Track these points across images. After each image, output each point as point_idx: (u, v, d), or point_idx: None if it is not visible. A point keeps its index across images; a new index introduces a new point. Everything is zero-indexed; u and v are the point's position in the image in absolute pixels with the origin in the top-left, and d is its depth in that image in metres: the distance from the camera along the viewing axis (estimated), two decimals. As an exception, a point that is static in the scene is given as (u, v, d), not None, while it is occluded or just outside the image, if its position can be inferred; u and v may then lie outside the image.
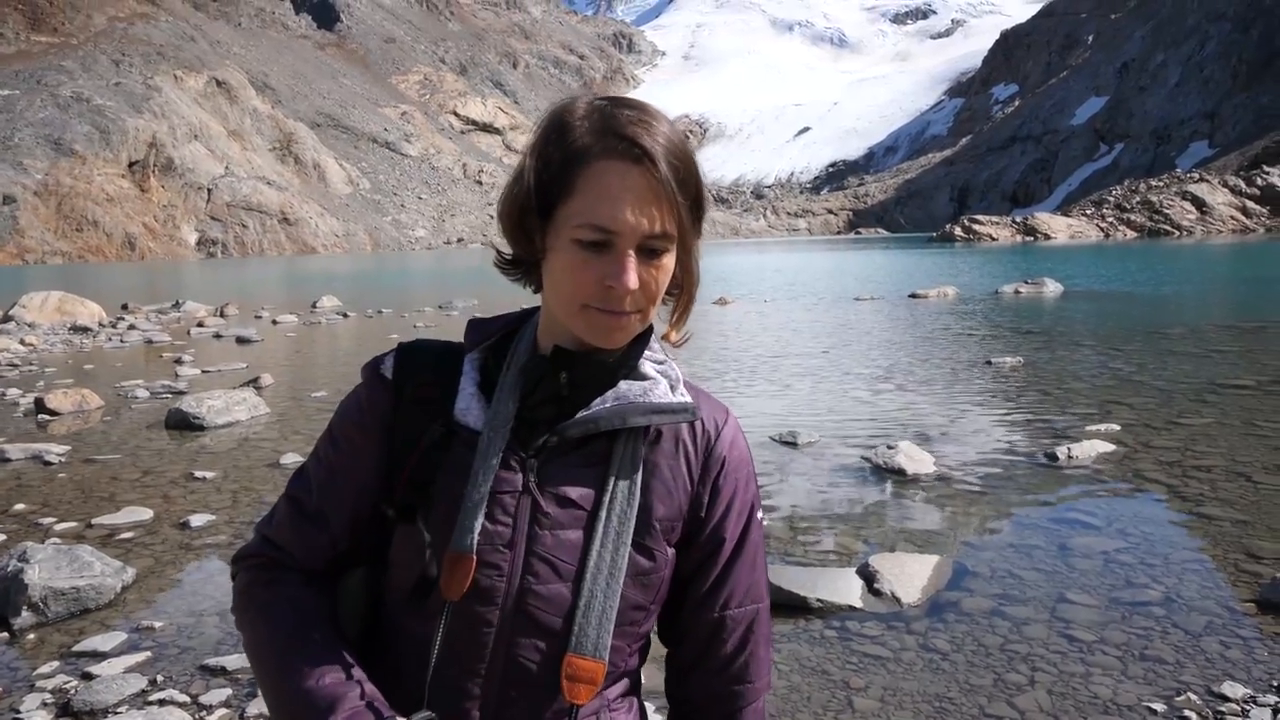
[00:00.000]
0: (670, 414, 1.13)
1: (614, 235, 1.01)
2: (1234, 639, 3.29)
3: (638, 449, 1.13)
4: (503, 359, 1.17)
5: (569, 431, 1.11)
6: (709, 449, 1.18)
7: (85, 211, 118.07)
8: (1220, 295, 19.97)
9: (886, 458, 5.81)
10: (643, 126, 1.02)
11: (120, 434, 7.58)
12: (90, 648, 3.50)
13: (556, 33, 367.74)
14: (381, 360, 1.19)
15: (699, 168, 1.09)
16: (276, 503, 1.21)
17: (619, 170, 1.01)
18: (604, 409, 1.12)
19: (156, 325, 18.36)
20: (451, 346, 1.20)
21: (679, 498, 1.15)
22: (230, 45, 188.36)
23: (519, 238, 1.10)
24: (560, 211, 1.03)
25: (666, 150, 1.02)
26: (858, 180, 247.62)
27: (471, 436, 1.11)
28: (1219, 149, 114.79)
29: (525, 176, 1.06)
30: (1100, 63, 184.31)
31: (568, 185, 1.03)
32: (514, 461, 1.10)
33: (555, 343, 1.13)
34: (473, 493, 1.07)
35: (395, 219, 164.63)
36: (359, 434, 1.16)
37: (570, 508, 1.10)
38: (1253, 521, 4.54)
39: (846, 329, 14.64)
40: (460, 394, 1.14)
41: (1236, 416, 6.95)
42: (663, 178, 1.01)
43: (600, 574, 1.08)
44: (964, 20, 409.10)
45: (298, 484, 1.19)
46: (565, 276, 1.04)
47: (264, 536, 1.19)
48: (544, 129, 1.07)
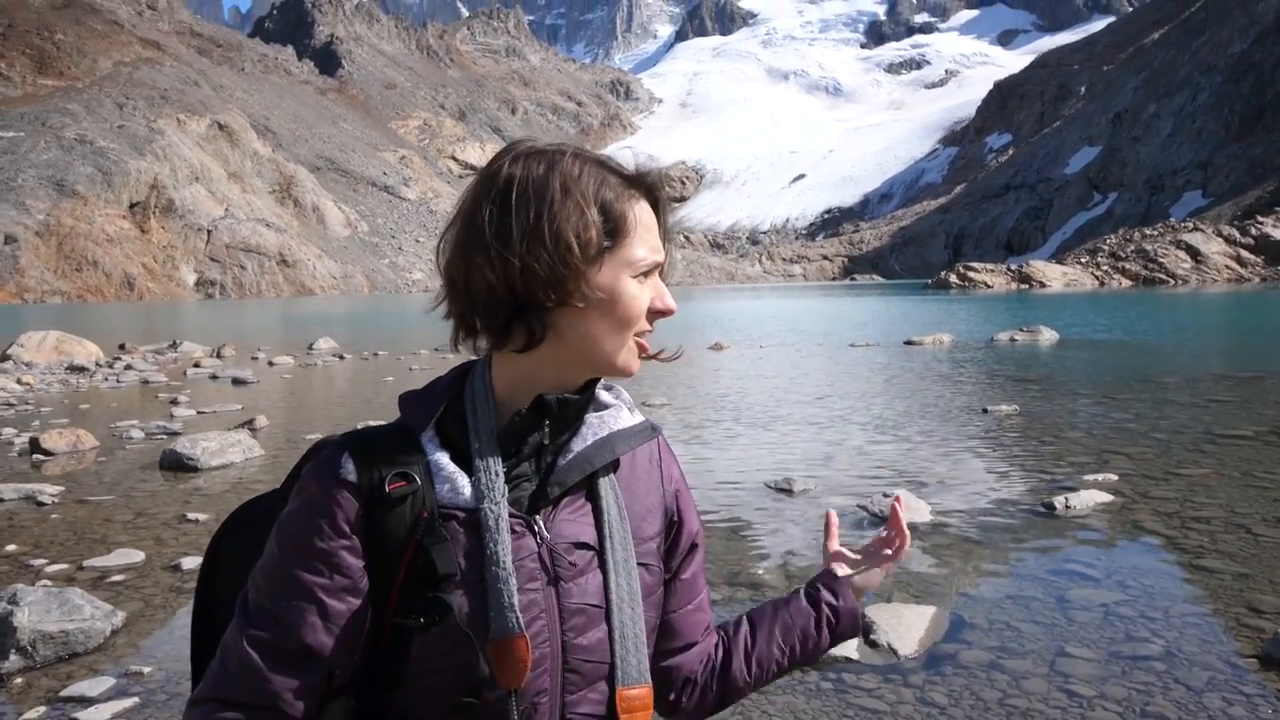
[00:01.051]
0: (640, 435, 1.18)
1: (657, 265, 1.14)
2: (1237, 695, 3.25)
3: (611, 474, 1.16)
4: (460, 426, 1.11)
5: (568, 478, 1.11)
6: (662, 460, 1.25)
7: (85, 252, 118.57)
8: (1217, 344, 20.06)
9: (882, 506, 5.79)
10: (655, 173, 1.17)
11: (114, 474, 7.53)
12: (78, 693, 3.45)
13: (555, 80, 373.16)
14: (336, 463, 1.07)
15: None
16: (221, 661, 1.04)
17: (648, 208, 1.14)
18: (588, 446, 1.13)
19: (153, 365, 18.33)
20: (400, 429, 1.12)
21: (658, 512, 1.20)
22: (233, 90, 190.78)
23: (561, 286, 1.05)
24: (620, 251, 1.09)
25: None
26: (853, 227, 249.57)
27: (468, 516, 1.05)
28: (1213, 199, 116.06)
29: (591, 222, 1.06)
30: (1093, 113, 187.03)
31: (628, 224, 1.10)
32: (519, 525, 1.07)
33: (537, 393, 1.10)
34: (499, 571, 1.03)
35: (393, 261, 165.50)
36: (333, 548, 1.04)
37: (583, 550, 1.11)
38: (1254, 575, 4.51)
39: (842, 375, 14.66)
40: (437, 475, 1.08)
41: (1235, 467, 6.93)
42: (664, 212, 1.17)
43: (624, 603, 1.11)
44: (957, 70, 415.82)
45: (254, 627, 1.03)
46: (631, 310, 1.10)
47: (222, 702, 1.02)
48: (573, 175, 1.07)
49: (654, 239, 1.13)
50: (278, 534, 1.07)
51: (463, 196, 1.12)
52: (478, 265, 1.06)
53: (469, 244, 1.07)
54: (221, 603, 1.17)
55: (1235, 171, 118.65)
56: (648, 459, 1.23)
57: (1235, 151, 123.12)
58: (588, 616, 1.09)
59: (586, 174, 1.09)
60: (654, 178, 1.15)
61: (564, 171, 1.07)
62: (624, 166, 1.14)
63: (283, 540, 1.06)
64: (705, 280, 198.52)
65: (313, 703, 1.03)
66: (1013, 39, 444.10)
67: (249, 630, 1.03)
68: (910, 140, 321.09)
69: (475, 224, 1.07)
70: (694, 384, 13.57)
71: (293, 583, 1.04)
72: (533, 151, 1.09)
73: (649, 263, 1.11)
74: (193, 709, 1.04)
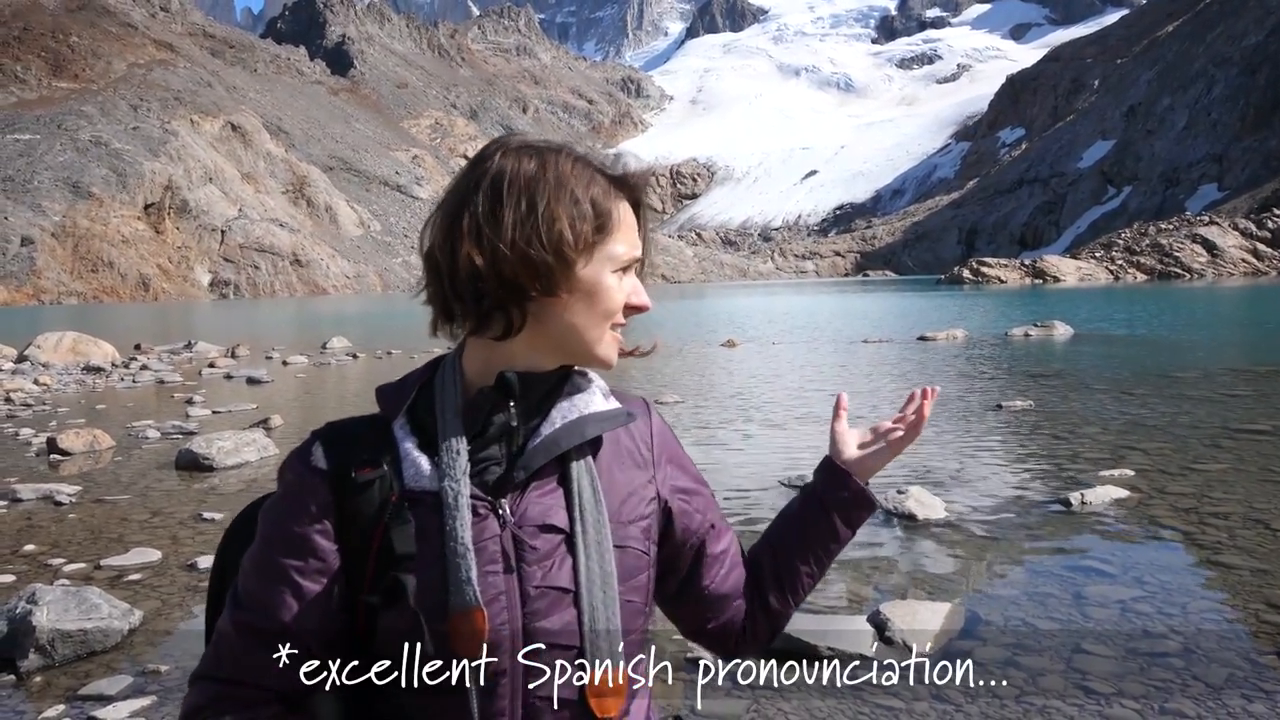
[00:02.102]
0: (614, 419, 1.18)
1: (635, 260, 1.17)
2: (1257, 692, 3.22)
3: (588, 457, 1.15)
4: (429, 411, 1.14)
5: (534, 461, 1.11)
6: (648, 437, 1.24)
7: (101, 253, 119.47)
8: (1233, 338, 19.89)
9: (897, 503, 5.77)
10: (638, 172, 1.20)
11: (130, 474, 7.59)
12: (96, 691, 3.47)
13: (566, 78, 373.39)
14: (308, 453, 1.13)
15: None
16: (214, 643, 1.12)
17: (628, 206, 1.17)
18: (557, 429, 1.13)
19: (168, 365, 18.47)
20: (372, 419, 1.17)
21: (644, 494, 1.19)
22: (246, 91, 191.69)
23: (547, 278, 1.07)
24: (605, 245, 1.12)
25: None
26: (865, 223, 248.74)
27: (432, 499, 1.07)
28: (1228, 192, 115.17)
29: (585, 214, 1.10)
30: (1107, 106, 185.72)
31: (613, 220, 1.13)
32: (483, 508, 1.08)
33: (500, 370, 1.11)
34: (456, 546, 1.05)
35: (405, 260, 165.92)
36: (307, 534, 1.09)
37: (550, 533, 1.10)
38: (1272, 570, 4.47)
39: (855, 371, 14.62)
40: (405, 461, 1.11)
41: (1253, 462, 6.88)
42: (643, 211, 1.20)
43: (594, 585, 1.09)
44: (969, 65, 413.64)
45: (241, 610, 1.09)
46: (611, 303, 1.13)
47: (215, 680, 1.09)
48: (563, 170, 1.11)
49: (633, 237, 1.16)
50: (260, 521, 1.15)
51: (451, 185, 1.15)
52: (465, 252, 1.08)
53: (456, 231, 1.09)
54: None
55: (1251, 164, 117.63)
56: (631, 441, 1.22)
57: (1250, 144, 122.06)
58: (552, 600, 1.08)
59: (577, 170, 1.12)
60: (638, 179, 1.18)
61: (557, 166, 1.11)
62: (610, 166, 1.17)
63: (263, 527, 1.13)
64: (717, 277, 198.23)
65: (295, 678, 1.08)
66: (1025, 33, 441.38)
67: (235, 612, 1.10)
68: (922, 135, 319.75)
69: (464, 211, 1.08)
70: (707, 381, 13.57)
71: (271, 566, 1.10)
72: (523, 145, 1.13)
73: (627, 258, 1.14)
74: (191, 687, 1.11)
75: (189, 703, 1.10)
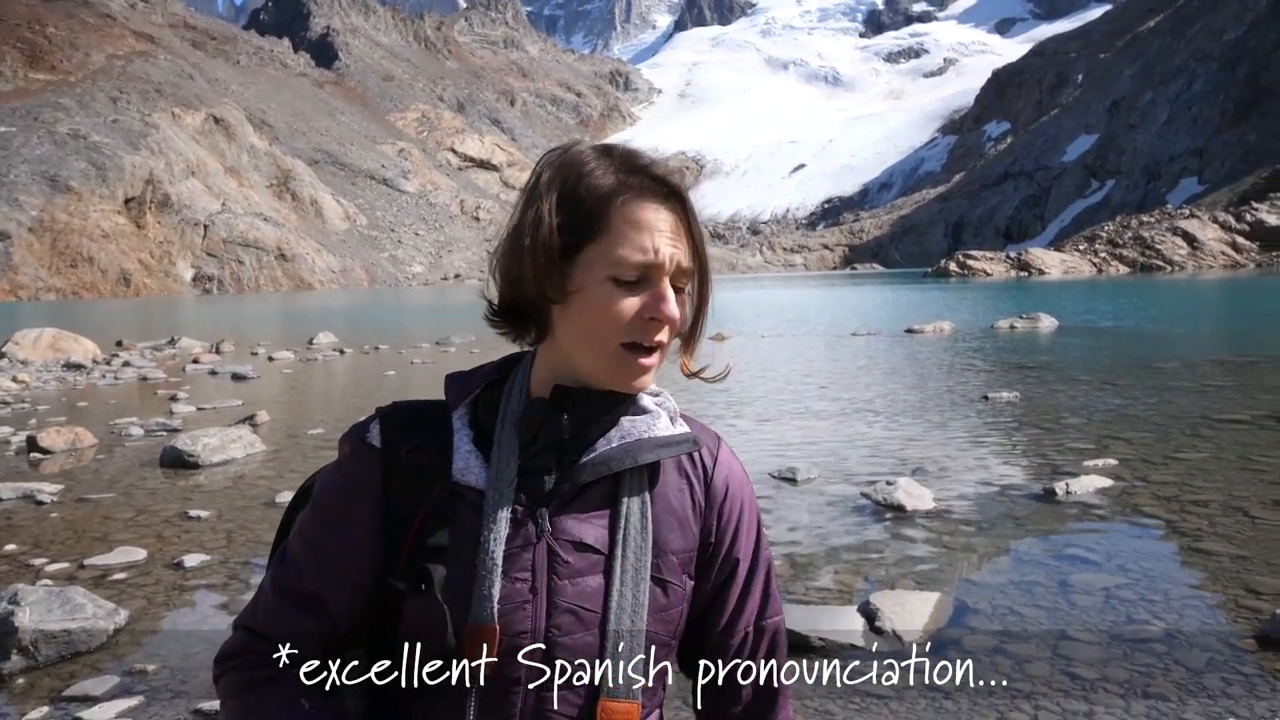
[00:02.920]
0: (675, 446, 1.14)
1: (653, 268, 1.05)
2: (1236, 676, 3.27)
3: (644, 484, 1.12)
4: (492, 411, 1.14)
5: (580, 476, 1.09)
6: (710, 475, 1.19)
7: (80, 248, 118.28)
8: (1213, 330, 20.06)
9: (885, 494, 5.79)
10: (664, 168, 1.09)
11: (114, 472, 7.53)
12: (81, 692, 3.45)
13: (554, 71, 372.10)
14: (365, 429, 1.14)
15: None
16: (256, 594, 1.15)
17: (653, 207, 1.06)
18: (612, 449, 1.11)
19: (151, 362, 18.31)
20: (434, 405, 1.17)
21: (690, 528, 1.15)
22: (228, 83, 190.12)
23: (531, 285, 1.07)
24: (592, 250, 1.05)
25: (686, 189, 1.10)
26: (853, 216, 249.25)
27: (476, 497, 1.08)
28: (1209, 185, 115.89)
29: (546, 219, 1.05)
30: (1090, 101, 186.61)
31: (602, 223, 1.05)
32: (524, 514, 1.07)
33: (557, 383, 1.11)
34: (485, 558, 1.04)
35: (392, 255, 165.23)
36: (351, 509, 1.11)
37: (587, 552, 1.08)
38: (1252, 557, 4.53)
39: (844, 364, 14.67)
40: (456, 453, 1.11)
41: (1232, 451, 6.95)
42: (690, 213, 1.09)
43: (624, 613, 1.07)
44: (956, 59, 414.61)
45: (282, 570, 1.13)
46: (603, 315, 1.05)
47: (250, 631, 1.12)
48: (559, 171, 1.08)
49: (646, 239, 1.04)
50: (315, 489, 1.17)
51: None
52: (501, 262, 1.12)
53: (501, 241, 1.13)
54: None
55: (1230, 158, 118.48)
56: (682, 470, 1.17)
57: (1230, 138, 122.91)
58: (578, 619, 1.06)
59: (573, 168, 1.07)
60: (657, 170, 1.08)
61: (556, 166, 1.09)
62: (636, 159, 1.09)
63: (315, 495, 1.16)
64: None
65: (318, 646, 1.09)
66: (1010, 27, 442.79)
67: (276, 570, 1.14)
68: (909, 129, 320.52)
69: (508, 223, 1.12)
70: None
71: (313, 535, 1.13)
72: (558, 150, 1.12)
73: (633, 264, 1.04)
74: (232, 633, 1.15)
75: (224, 647, 1.14)
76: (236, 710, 1.10)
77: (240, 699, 1.09)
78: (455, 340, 21.20)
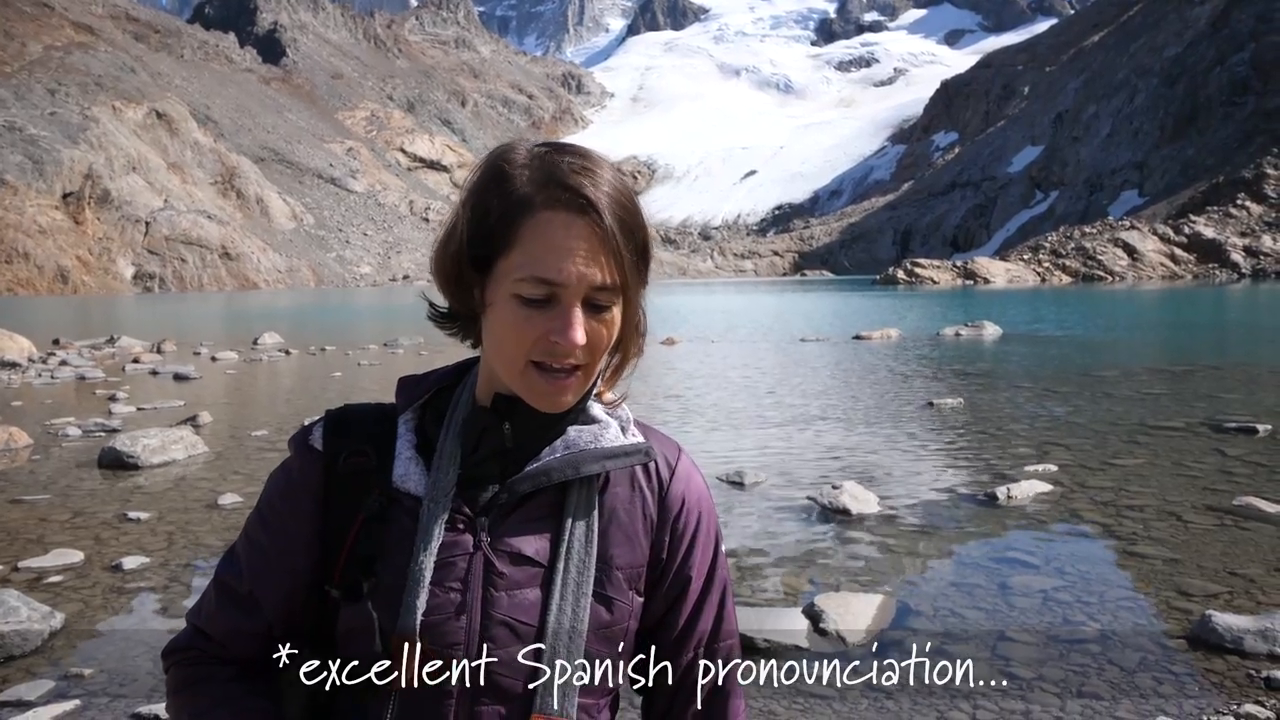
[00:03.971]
0: (624, 457, 1.10)
1: (559, 289, 0.97)
2: (1167, 674, 3.38)
3: (591, 496, 1.09)
4: (438, 418, 1.12)
5: (519, 486, 1.06)
6: (665, 489, 1.14)
7: (15, 243, 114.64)
8: (1151, 339, 20.65)
9: (831, 498, 5.88)
10: (586, 175, 0.98)
11: (50, 473, 7.33)
12: (15, 696, 3.36)
13: (505, 72, 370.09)
14: (310, 431, 1.13)
15: (644, 214, 1.06)
16: (206, 589, 1.15)
17: (563, 221, 0.97)
18: (554, 459, 1.07)
19: (90, 361, 17.82)
20: (383, 409, 1.14)
21: (640, 542, 1.10)
22: (172, 77, 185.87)
23: (455, 292, 1.07)
24: (500, 265, 1.00)
25: (611, 200, 0.99)
26: (803, 223, 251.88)
27: (414, 504, 1.06)
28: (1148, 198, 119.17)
29: (459, 228, 1.02)
30: (1036, 113, 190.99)
31: (508, 238, 0.99)
32: (461, 523, 1.05)
33: (496, 391, 1.08)
34: (415, 569, 1.02)
35: (340, 255, 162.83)
36: (290, 511, 1.10)
37: (526, 565, 1.05)
38: (1183, 560, 4.68)
39: (792, 369, 14.82)
40: (397, 459, 1.09)
41: (1167, 457, 7.17)
42: (608, 229, 0.98)
43: (562, 629, 1.03)
44: (906, 69, 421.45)
45: (227, 568, 1.12)
46: (507, 333, 1.00)
47: (195, 628, 1.13)
48: (480, 177, 1.03)
49: (552, 258, 0.96)
50: (262, 490, 1.16)
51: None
52: (435, 265, 1.11)
53: (436, 243, 1.12)
54: None
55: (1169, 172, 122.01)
56: (634, 482, 1.13)
57: (1170, 152, 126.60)
58: (512, 632, 1.03)
59: (493, 175, 1.01)
60: (572, 181, 0.98)
61: (481, 170, 1.04)
62: (556, 168, 0.99)
63: (260, 496, 1.16)
64: (657, 275, 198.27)
65: (252, 646, 1.10)
66: (959, 39, 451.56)
67: (221, 569, 1.13)
68: (859, 137, 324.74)
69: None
70: (645, 378, 13.61)
71: (255, 535, 1.12)
72: (496, 149, 1.07)
73: (536, 282, 0.97)
74: (185, 625, 1.16)
75: (171, 641, 1.15)
76: (173, 706, 1.11)
77: (178, 695, 1.10)
78: (404, 342, 20.98)
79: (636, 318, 1.08)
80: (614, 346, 1.07)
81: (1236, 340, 20.04)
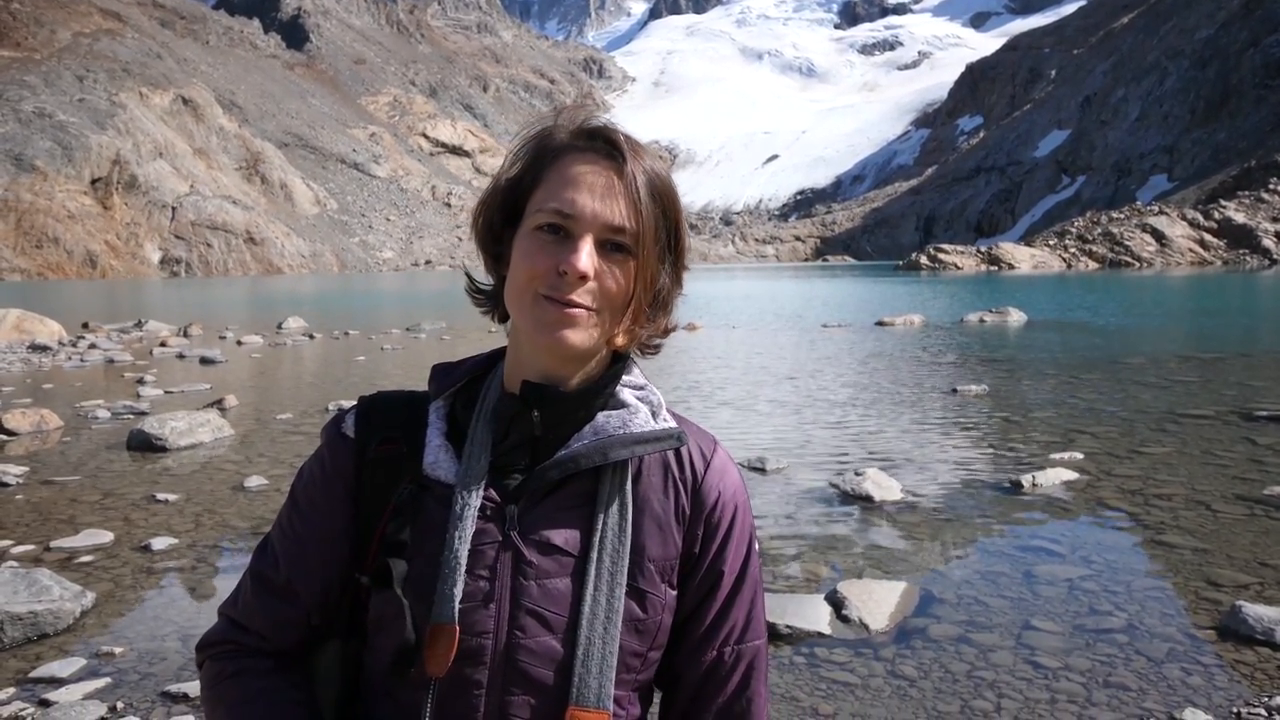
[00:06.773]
0: (655, 442, 1.08)
1: (572, 220, 1.00)
2: (1195, 666, 3.35)
3: (624, 485, 1.07)
4: (470, 405, 1.11)
5: (548, 474, 1.05)
6: (700, 481, 1.12)
7: (46, 228, 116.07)
8: (1179, 326, 20.38)
9: (854, 484, 5.85)
10: (620, 134, 1.05)
11: (80, 455, 7.43)
12: (48, 674, 3.42)
13: (527, 57, 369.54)
14: (342, 418, 1.13)
15: (679, 198, 1.08)
16: (240, 580, 1.15)
17: (588, 161, 1.02)
18: (583, 445, 1.06)
19: (118, 345, 18.04)
20: (415, 397, 1.15)
21: (673, 535, 1.08)
22: (197, 63, 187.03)
23: (487, 245, 1.10)
24: (528, 206, 1.04)
25: (639, 158, 1.04)
26: (825, 208, 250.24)
27: (444, 491, 1.05)
28: (1178, 183, 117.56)
29: (498, 177, 1.07)
30: (1063, 96, 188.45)
31: (536, 179, 1.04)
32: (491, 511, 1.04)
33: (524, 378, 1.07)
34: (449, 557, 1.01)
35: (363, 240, 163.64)
36: (323, 499, 1.10)
37: (556, 554, 1.04)
38: (1212, 550, 4.63)
39: (815, 356, 14.76)
40: (428, 446, 1.08)
41: (1196, 446, 7.08)
42: (629, 175, 1.01)
43: (596, 620, 1.02)
44: (930, 52, 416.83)
45: (261, 558, 1.12)
46: (521, 262, 1.02)
47: (229, 619, 1.13)
48: (524, 134, 1.08)
49: (569, 192, 1.00)
50: (295, 479, 1.16)
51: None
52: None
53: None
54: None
55: (1200, 156, 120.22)
56: (669, 473, 1.11)
57: (1200, 136, 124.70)
58: (542, 622, 1.02)
59: (537, 130, 1.08)
60: (597, 126, 1.05)
61: (530, 127, 1.09)
62: (589, 122, 1.07)
63: (293, 485, 1.15)
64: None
65: (291, 636, 1.10)
66: (985, 21, 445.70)
67: (255, 558, 1.14)
68: (882, 122, 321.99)
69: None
70: (667, 364, 13.60)
71: (289, 525, 1.13)
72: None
73: (550, 211, 1.01)
74: (218, 619, 1.16)
75: (205, 635, 1.15)
76: (210, 699, 1.10)
77: (215, 688, 1.10)
78: (426, 326, 21.07)
79: (655, 281, 1.07)
80: (626, 304, 1.06)
81: (1268, 327, 19.73)
